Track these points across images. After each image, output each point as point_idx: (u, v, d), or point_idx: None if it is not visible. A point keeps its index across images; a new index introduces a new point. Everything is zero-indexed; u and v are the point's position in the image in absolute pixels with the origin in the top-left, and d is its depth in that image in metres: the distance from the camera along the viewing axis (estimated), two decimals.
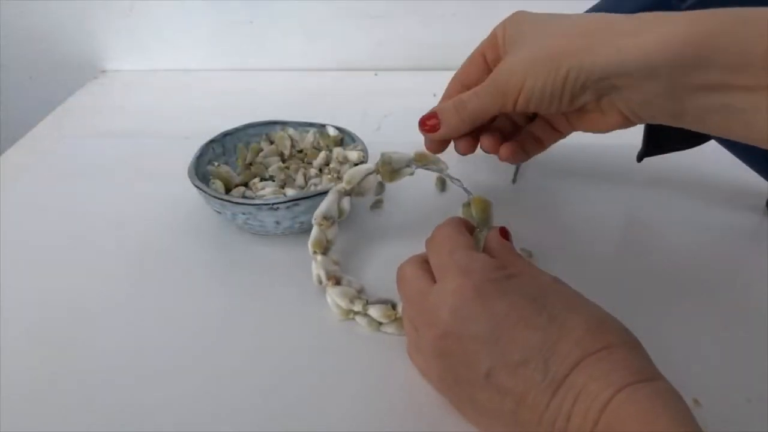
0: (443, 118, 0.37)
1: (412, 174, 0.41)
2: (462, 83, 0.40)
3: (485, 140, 0.39)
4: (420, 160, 0.41)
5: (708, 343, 0.36)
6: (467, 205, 0.38)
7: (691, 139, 0.43)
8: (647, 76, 0.30)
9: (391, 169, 0.41)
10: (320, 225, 0.40)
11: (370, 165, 0.41)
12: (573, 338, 0.26)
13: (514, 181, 0.50)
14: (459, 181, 0.41)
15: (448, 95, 0.41)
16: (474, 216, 0.37)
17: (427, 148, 0.40)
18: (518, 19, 0.36)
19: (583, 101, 0.34)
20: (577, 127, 0.38)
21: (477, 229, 0.36)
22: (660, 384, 0.25)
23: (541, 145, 0.40)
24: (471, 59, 0.40)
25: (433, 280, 0.31)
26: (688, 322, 0.37)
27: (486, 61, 0.39)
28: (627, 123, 0.35)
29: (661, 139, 0.44)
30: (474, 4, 0.68)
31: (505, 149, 0.39)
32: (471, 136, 0.39)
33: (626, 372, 0.25)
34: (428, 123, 0.38)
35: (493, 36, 0.38)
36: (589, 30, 0.32)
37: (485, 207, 0.38)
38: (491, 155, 0.40)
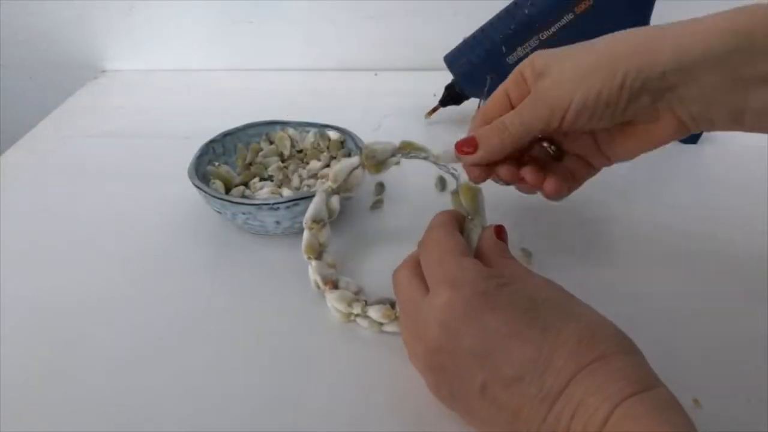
0: (481, 140, 0.35)
1: (398, 164, 0.40)
2: (487, 119, 0.37)
3: (528, 173, 0.36)
4: (405, 148, 0.40)
5: (708, 342, 0.36)
6: (456, 193, 0.38)
7: None
8: (708, 68, 0.30)
9: (376, 161, 0.40)
10: (311, 228, 0.39)
11: (354, 160, 0.40)
12: (567, 350, 0.26)
13: None
14: (446, 166, 0.39)
15: (473, 129, 0.37)
16: (463, 204, 0.37)
17: (470, 177, 0.37)
18: (544, 54, 0.34)
19: (639, 107, 0.32)
20: (619, 150, 0.35)
21: (468, 218, 0.36)
22: (658, 393, 0.25)
23: (576, 182, 0.38)
24: (493, 99, 0.37)
25: (426, 287, 0.31)
26: (687, 320, 0.37)
27: (509, 99, 0.36)
28: (681, 130, 0.33)
29: None
30: (474, 4, 0.68)
31: (550, 183, 0.36)
32: (512, 163, 0.36)
33: (623, 383, 0.25)
34: (465, 146, 0.36)
35: (517, 73, 0.35)
36: (639, 35, 0.31)
37: (474, 194, 0.37)
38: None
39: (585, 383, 0.25)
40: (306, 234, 0.39)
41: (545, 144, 0.37)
